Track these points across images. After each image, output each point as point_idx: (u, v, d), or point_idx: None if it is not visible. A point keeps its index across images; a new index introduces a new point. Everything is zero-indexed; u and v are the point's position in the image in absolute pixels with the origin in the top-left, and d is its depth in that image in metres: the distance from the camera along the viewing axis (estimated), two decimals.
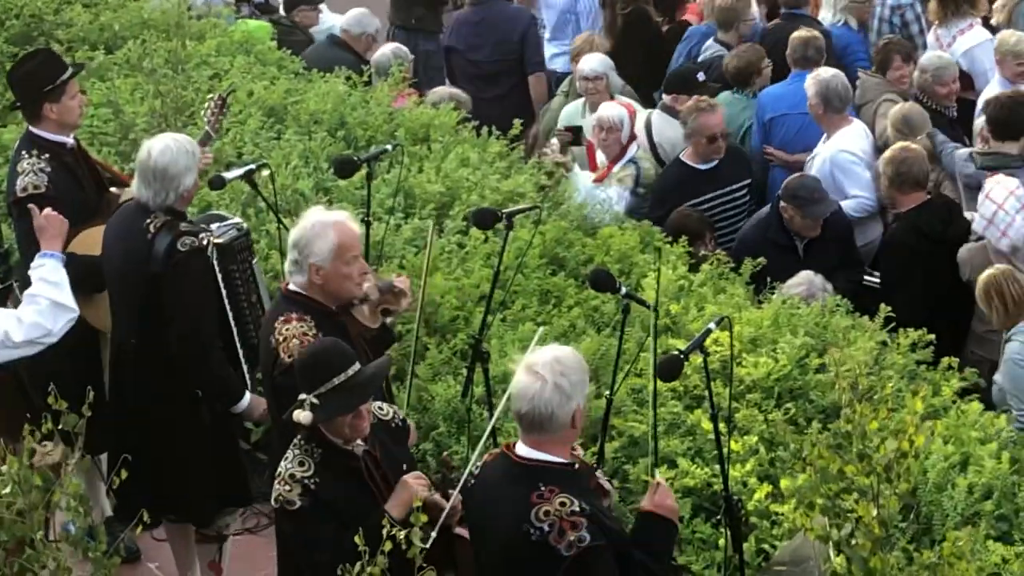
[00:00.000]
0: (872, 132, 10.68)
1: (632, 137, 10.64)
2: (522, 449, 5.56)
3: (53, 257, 7.14)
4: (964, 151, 10.02)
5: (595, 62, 11.46)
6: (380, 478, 6.06)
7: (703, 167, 10.02)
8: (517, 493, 5.49)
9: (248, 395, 7.30)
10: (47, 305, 7.04)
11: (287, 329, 6.53)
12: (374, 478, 6.04)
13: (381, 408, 6.21)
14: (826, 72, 10.64)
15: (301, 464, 5.88)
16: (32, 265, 7.15)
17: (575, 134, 10.97)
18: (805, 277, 8.57)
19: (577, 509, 5.32)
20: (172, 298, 7.35)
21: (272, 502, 5.88)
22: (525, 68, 13.27)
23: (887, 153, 9.85)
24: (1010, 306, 8.41)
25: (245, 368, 7.46)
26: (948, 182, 10.18)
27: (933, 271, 9.54)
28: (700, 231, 9.03)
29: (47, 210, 7.44)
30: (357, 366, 5.94)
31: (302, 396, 5.82)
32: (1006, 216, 9.11)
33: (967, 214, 9.71)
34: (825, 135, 10.54)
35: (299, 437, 5.97)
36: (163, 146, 7.40)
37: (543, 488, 5.41)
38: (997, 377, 8.66)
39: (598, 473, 6.03)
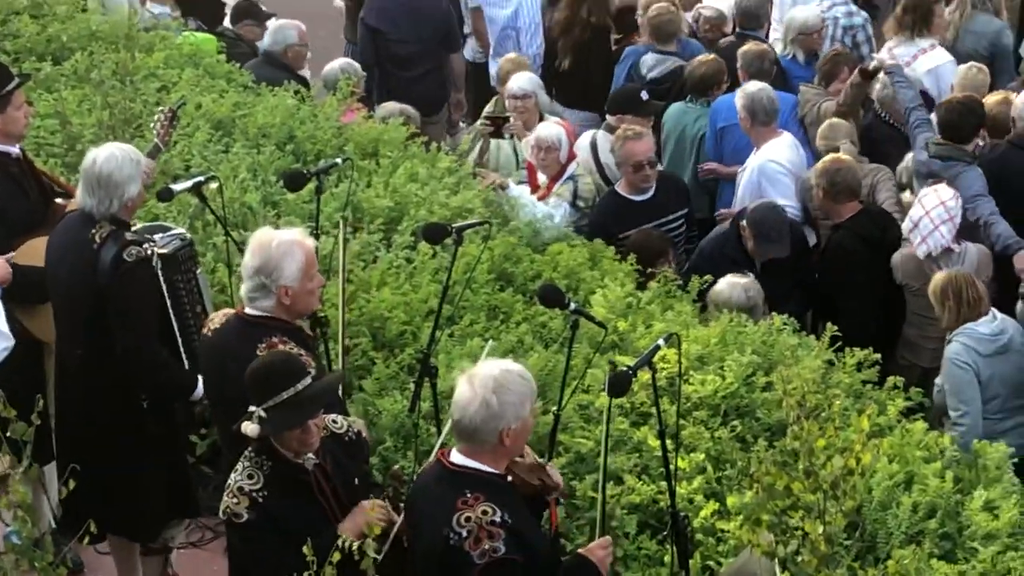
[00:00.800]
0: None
1: (571, 156, 10.64)
2: (455, 456, 5.62)
3: None
4: (924, 136, 10.15)
5: (524, 81, 11.49)
6: (330, 492, 6.01)
7: (637, 198, 10.03)
8: (444, 497, 5.54)
9: (200, 380, 7.24)
10: None
11: (297, 354, 6.47)
12: (324, 492, 6.00)
13: (335, 421, 6.19)
14: (753, 86, 10.82)
15: (250, 477, 5.84)
16: None
17: (498, 126, 11.05)
18: (727, 281, 8.65)
19: (498, 520, 5.36)
20: (119, 309, 7.31)
21: (220, 514, 5.81)
22: (444, 49, 13.58)
23: (818, 166, 10.04)
24: (963, 308, 8.54)
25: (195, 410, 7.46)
26: (881, 185, 10.34)
27: (873, 277, 9.69)
28: (663, 249, 9.10)
29: None
30: (308, 380, 5.89)
31: (251, 408, 5.77)
32: (929, 224, 9.28)
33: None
34: (755, 147, 10.67)
35: (249, 449, 5.93)
36: (108, 154, 7.38)
37: (468, 495, 5.47)
38: (938, 380, 8.83)
39: (549, 466, 6.02)
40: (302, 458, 5.89)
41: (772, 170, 10.46)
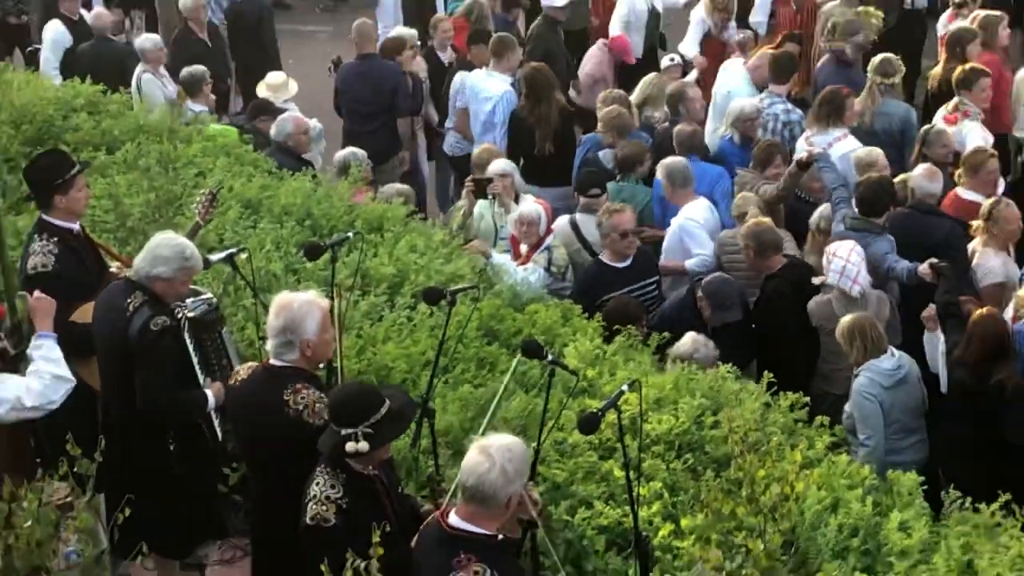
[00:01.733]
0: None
1: (548, 230, 10.74)
2: (453, 519, 5.60)
3: (49, 337, 7.25)
4: (841, 212, 10.24)
5: (502, 164, 11.51)
6: (390, 500, 6.20)
7: (619, 265, 10.06)
8: (441, 557, 5.54)
9: (209, 394, 7.36)
10: (50, 379, 7.14)
11: (303, 398, 6.58)
12: (389, 499, 6.17)
13: None
14: (670, 160, 11.02)
15: (332, 487, 5.94)
16: (32, 344, 7.22)
17: (481, 187, 11.05)
18: (693, 341, 8.66)
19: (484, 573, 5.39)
20: (142, 370, 7.34)
21: (308, 520, 5.88)
22: (394, 112, 13.77)
23: (743, 229, 10.11)
24: (869, 346, 8.69)
25: (216, 420, 7.52)
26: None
27: (803, 318, 9.77)
28: (638, 315, 9.07)
29: (36, 293, 7.56)
30: (387, 402, 6.10)
31: (348, 431, 5.91)
32: (853, 268, 9.34)
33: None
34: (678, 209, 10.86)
35: (323, 465, 6.03)
36: (165, 242, 7.51)
37: (463, 556, 5.44)
38: (847, 407, 8.93)
39: (528, 489, 5.92)
40: (367, 470, 6.04)
41: (690, 226, 10.63)
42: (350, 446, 5.91)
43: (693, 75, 13.80)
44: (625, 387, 6.26)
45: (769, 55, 13.22)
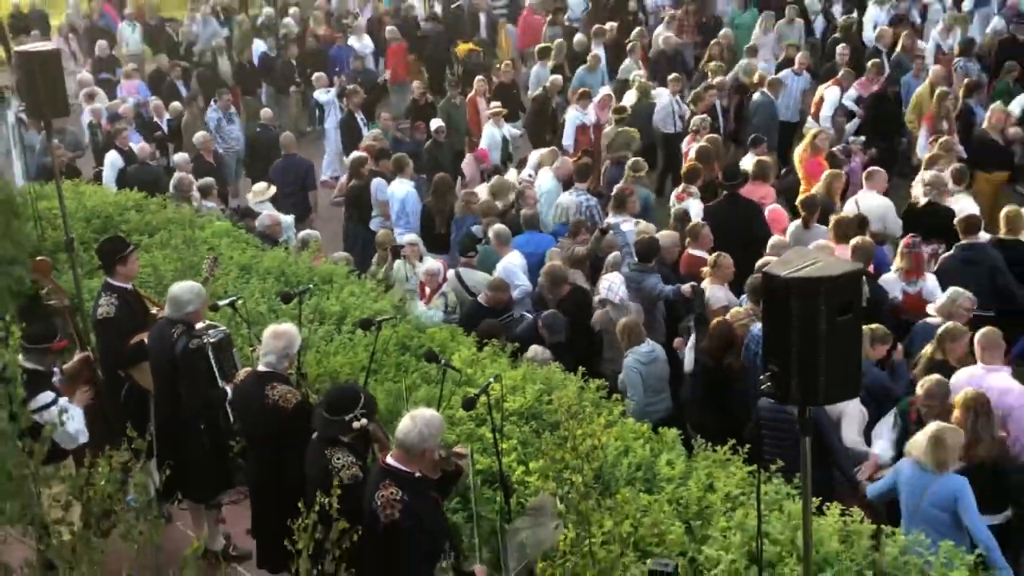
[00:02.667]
0: None
1: (444, 280, 10.77)
2: (389, 459, 5.67)
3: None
4: (627, 261, 10.37)
5: (412, 237, 11.66)
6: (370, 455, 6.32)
7: (488, 306, 10.00)
8: (376, 482, 5.63)
9: (228, 390, 7.31)
10: (76, 431, 7.17)
11: (277, 392, 6.63)
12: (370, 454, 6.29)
13: None
14: (497, 226, 11.08)
15: (348, 457, 6.00)
16: (65, 405, 7.18)
17: (396, 252, 11.28)
18: (535, 349, 8.73)
19: (398, 498, 5.47)
20: (184, 376, 7.36)
21: (346, 481, 5.75)
22: (304, 186, 14.15)
23: (545, 268, 10.23)
24: (633, 338, 9.01)
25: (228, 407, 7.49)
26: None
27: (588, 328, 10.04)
28: (500, 334, 8.94)
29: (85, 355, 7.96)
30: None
31: (347, 416, 6.00)
32: (615, 287, 9.79)
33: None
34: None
35: (328, 447, 6.03)
36: (183, 289, 7.54)
37: (389, 482, 5.54)
38: (621, 377, 9.08)
39: (459, 450, 6.05)
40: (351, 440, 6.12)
41: (509, 268, 10.58)
42: (357, 424, 5.99)
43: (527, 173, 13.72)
44: (491, 379, 6.36)
45: (572, 164, 13.08)
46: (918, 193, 11.43)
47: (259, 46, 20.24)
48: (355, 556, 4.76)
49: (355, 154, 14.02)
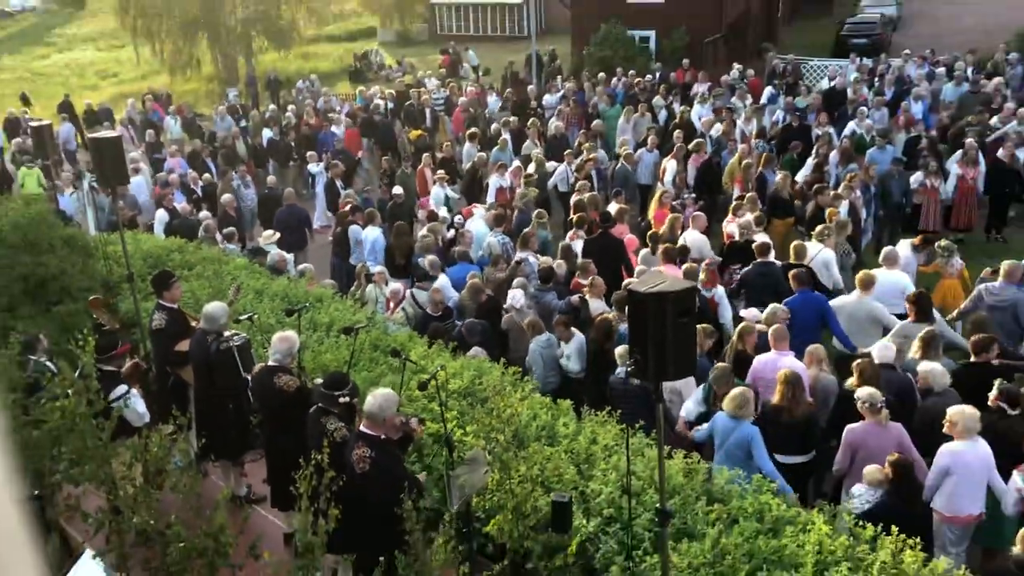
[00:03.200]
0: None
1: (403, 297, 10.63)
2: (363, 426, 5.59)
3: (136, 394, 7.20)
4: (533, 289, 10.19)
5: (381, 268, 11.42)
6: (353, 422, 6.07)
7: (435, 315, 9.93)
8: (353, 445, 5.55)
9: (248, 379, 7.11)
10: (142, 412, 6.99)
11: (282, 380, 6.56)
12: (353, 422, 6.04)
13: None
14: (430, 257, 10.91)
15: (338, 421, 5.92)
16: (131, 393, 7.06)
17: (369, 279, 10.99)
18: (475, 350, 8.64)
19: (368, 455, 5.42)
20: (219, 370, 7.25)
21: (336, 439, 5.72)
22: (302, 225, 14.01)
23: (465, 287, 10.14)
24: (535, 331, 9.08)
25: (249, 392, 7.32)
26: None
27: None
28: (444, 335, 8.87)
29: (135, 361, 7.69)
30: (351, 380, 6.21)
31: (337, 392, 5.94)
32: (517, 301, 9.69)
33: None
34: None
35: (323, 414, 5.94)
36: (213, 307, 7.42)
37: (361, 443, 5.48)
38: (527, 359, 9.10)
39: (412, 421, 6.01)
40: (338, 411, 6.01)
41: (444, 286, 10.45)
42: (343, 399, 5.95)
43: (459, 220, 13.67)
44: (438, 368, 6.33)
45: (493, 215, 13.05)
46: (731, 231, 11.65)
47: (267, 132, 20.22)
48: (341, 497, 4.74)
49: (341, 211, 13.91)
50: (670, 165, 15.42)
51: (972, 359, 7.72)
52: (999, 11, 34.27)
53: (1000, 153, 13.83)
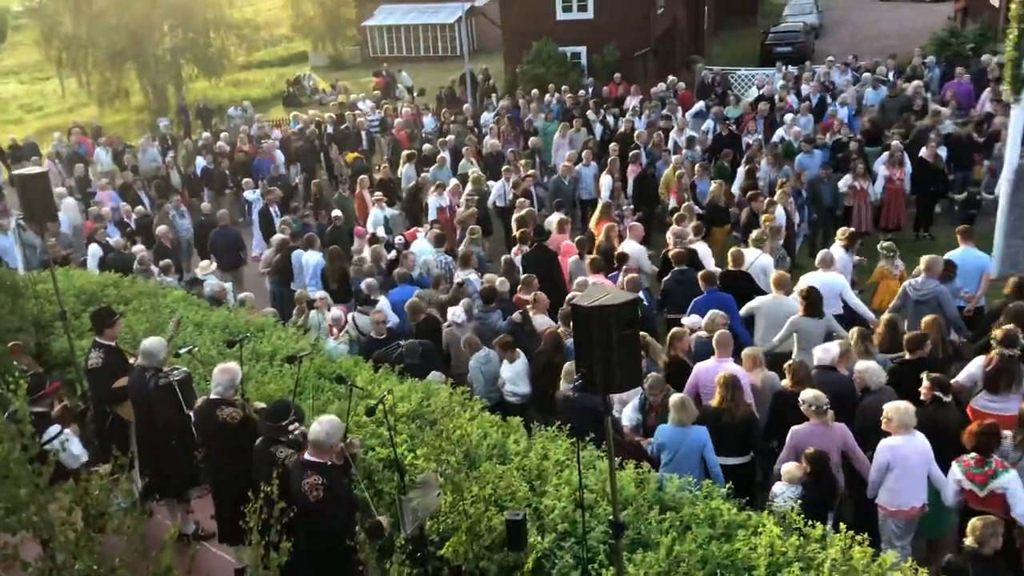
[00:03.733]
0: None
1: (346, 321, 10.50)
2: (306, 455, 5.54)
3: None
4: (477, 310, 10.15)
5: (320, 293, 11.31)
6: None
7: (379, 338, 9.81)
8: (299, 474, 5.49)
9: (192, 415, 6.93)
10: (78, 452, 6.85)
11: (224, 413, 6.46)
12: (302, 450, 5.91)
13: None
14: (368, 280, 10.88)
15: (287, 451, 5.82)
16: (66, 434, 6.95)
17: (311, 305, 10.92)
18: (434, 375, 8.49)
19: (320, 483, 5.37)
20: (157, 406, 7.08)
21: (287, 464, 5.68)
22: (237, 249, 14.11)
23: (406, 306, 10.06)
24: (473, 348, 9.05)
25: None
26: None
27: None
28: (388, 359, 8.81)
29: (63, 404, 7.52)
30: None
31: (285, 422, 5.84)
32: (458, 316, 9.64)
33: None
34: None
35: (273, 446, 5.83)
36: (150, 341, 7.27)
37: (311, 472, 5.43)
38: (469, 375, 9.04)
39: (355, 440, 5.97)
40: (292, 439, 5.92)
41: (384, 308, 10.36)
42: (293, 427, 5.89)
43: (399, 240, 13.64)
44: (386, 392, 6.37)
45: (434, 235, 13.00)
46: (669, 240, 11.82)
47: (200, 161, 19.87)
48: (293, 528, 4.65)
49: (278, 237, 13.68)
50: (605, 180, 15.58)
51: (907, 356, 7.91)
52: (914, 16, 35.57)
53: (923, 153, 14.24)
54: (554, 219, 13.07)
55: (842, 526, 5.24)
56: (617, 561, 4.93)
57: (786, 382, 7.70)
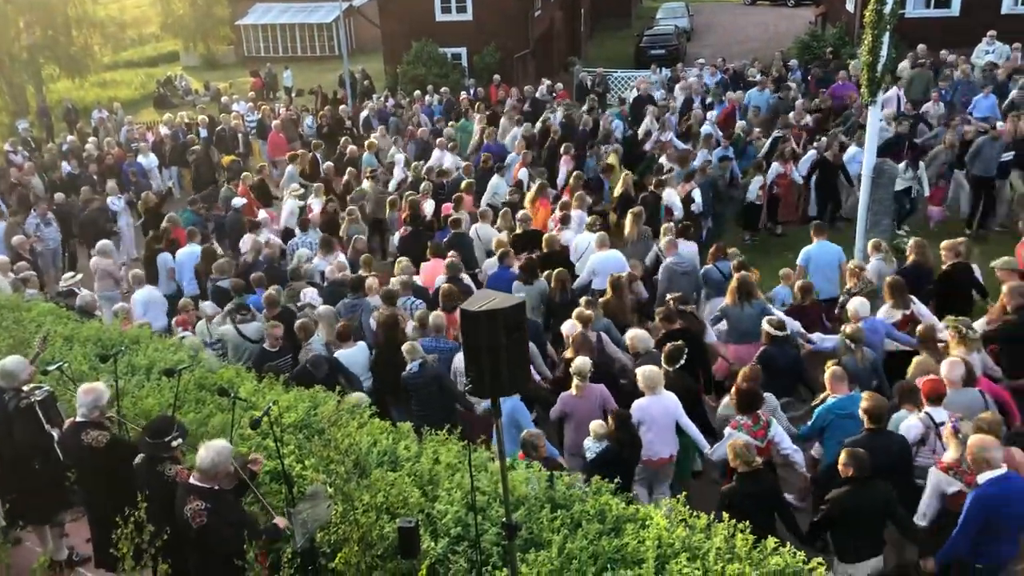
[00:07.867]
0: None
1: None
2: (192, 479, 5.39)
3: None
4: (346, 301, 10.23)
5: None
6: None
7: (272, 350, 9.34)
8: (185, 500, 5.31)
9: (55, 434, 6.64)
10: None
11: (91, 436, 6.19)
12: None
13: None
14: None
15: (169, 469, 5.68)
16: None
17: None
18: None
19: (202, 508, 5.23)
20: (18, 426, 6.76)
21: (174, 478, 5.56)
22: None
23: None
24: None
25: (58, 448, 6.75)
26: None
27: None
28: (283, 371, 8.59)
29: None
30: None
31: (168, 439, 5.71)
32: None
33: None
34: None
35: (153, 464, 5.67)
36: (12, 362, 6.93)
37: (193, 496, 5.27)
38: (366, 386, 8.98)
39: (258, 457, 5.90)
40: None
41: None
42: (176, 443, 5.76)
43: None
44: (271, 403, 6.17)
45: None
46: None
47: (66, 166, 18.87)
48: (175, 552, 4.51)
49: (147, 239, 13.35)
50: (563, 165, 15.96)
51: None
52: (777, 21, 37.24)
53: (827, 153, 14.98)
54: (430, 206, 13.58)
55: (725, 515, 5.40)
56: (511, 562, 4.93)
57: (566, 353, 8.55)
